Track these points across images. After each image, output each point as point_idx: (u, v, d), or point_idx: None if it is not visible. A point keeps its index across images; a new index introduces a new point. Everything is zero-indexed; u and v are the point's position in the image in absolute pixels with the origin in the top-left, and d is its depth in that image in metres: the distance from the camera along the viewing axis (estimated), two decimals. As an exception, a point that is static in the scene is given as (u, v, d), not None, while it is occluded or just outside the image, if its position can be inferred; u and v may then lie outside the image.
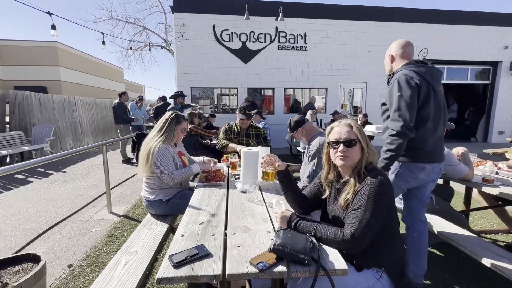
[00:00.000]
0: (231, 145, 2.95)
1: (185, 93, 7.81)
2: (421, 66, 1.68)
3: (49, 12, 5.06)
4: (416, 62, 1.74)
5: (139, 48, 15.79)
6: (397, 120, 1.54)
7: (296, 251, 0.97)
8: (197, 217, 1.41)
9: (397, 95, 1.58)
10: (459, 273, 2.04)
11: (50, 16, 5.11)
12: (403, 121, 1.52)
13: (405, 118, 1.52)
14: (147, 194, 2.08)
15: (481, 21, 8.51)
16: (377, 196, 1.08)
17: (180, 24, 7.54)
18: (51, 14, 5.09)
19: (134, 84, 33.17)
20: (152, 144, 1.98)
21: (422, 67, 1.67)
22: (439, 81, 1.71)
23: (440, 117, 1.68)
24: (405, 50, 1.84)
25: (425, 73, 1.64)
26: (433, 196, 2.20)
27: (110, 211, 3.29)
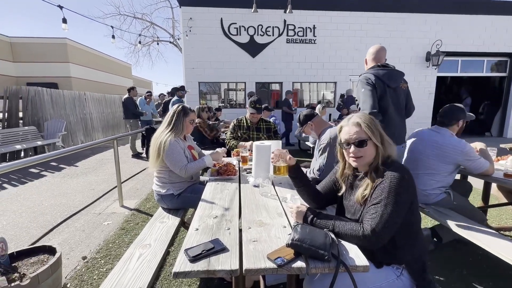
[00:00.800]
0: (240, 144, 2.93)
1: (192, 88, 7.85)
2: (380, 69, 2.17)
3: (60, 6, 5.09)
4: (378, 66, 2.20)
5: (146, 43, 15.86)
6: (364, 109, 2.06)
7: (315, 247, 0.94)
8: (210, 211, 1.40)
9: (362, 91, 2.11)
10: (476, 271, 1.98)
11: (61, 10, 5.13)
12: (369, 107, 2.05)
13: (369, 104, 2.05)
14: (158, 188, 2.08)
15: (499, 10, 8.15)
16: (399, 190, 1.03)
17: (187, 19, 7.49)
18: (62, 8, 5.12)
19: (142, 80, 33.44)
20: (162, 138, 1.97)
21: (380, 70, 2.16)
22: (397, 80, 2.23)
23: (399, 107, 2.24)
24: (376, 56, 2.27)
25: (382, 75, 2.14)
26: (451, 192, 2.12)
27: (121, 205, 3.33)
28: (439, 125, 2.12)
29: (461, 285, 1.83)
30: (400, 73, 2.27)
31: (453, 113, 2.06)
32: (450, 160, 1.99)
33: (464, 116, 2.08)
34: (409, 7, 7.98)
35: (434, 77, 8.46)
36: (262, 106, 3.11)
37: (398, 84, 2.23)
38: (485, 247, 1.65)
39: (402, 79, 2.29)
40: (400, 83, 2.25)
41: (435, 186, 2.09)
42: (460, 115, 2.06)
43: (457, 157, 1.96)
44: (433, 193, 2.11)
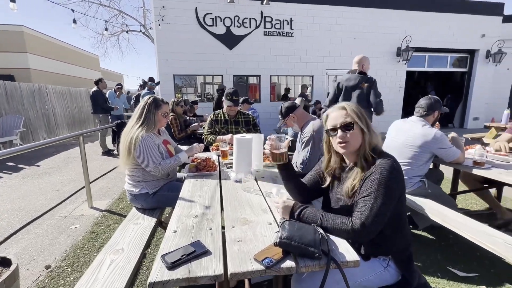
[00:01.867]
0: (219, 138, 2.81)
1: (167, 81, 7.48)
2: (347, 74, 3.34)
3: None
4: (347, 73, 3.33)
5: (115, 33, 14.84)
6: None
7: (305, 244, 0.88)
8: (190, 210, 1.29)
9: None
10: (449, 254, 2.09)
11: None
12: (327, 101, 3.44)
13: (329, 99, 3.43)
14: (131, 188, 1.91)
15: (461, 9, 8.69)
16: (389, 182, 1.01)
17: (159, 7, 7.07)
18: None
19: (111, 73, 31.47)
20: (133, 133, 1.79)
21: (346, 75, 3.32)
22: (351, 81, 3.26)
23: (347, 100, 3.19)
24: (353, 63, 3.33)
25: (344, 78, 3.32)
26: (425, 180, 2.20)
27: (90, 206, 3.08)
28: (417, 115, 2.18)
29: (437, 269, 1.91)
30: (355, 76, 3.25)
31: (431, 104, 2.13)
32: (425, 149, 2.06)
33: (440, 107, 2.16)
34: (381, 2, 8.23)
35: (404, 72, 8.87)
36: (239, 98, 2.99)
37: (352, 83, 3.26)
38: (458, 231, 1.73)
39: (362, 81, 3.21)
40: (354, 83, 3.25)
41: (412, 175, 2.16)
42: (437, 106, 2.14)
43: (432, 145, 2.03)
44: (410, 182, 2.17)
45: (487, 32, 8.92)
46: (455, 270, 1.89)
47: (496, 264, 1.94)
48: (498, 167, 2.05)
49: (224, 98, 2.88)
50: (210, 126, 2.96)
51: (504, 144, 2.25)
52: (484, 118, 9.55)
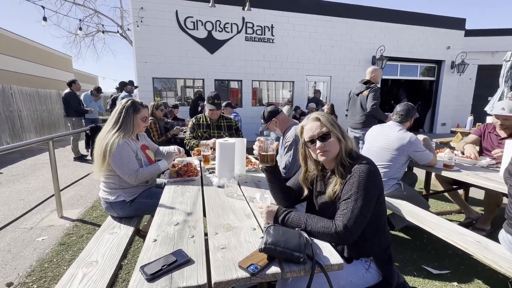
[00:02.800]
0: (202, 142, 2.76)
1: (146, 84, 7.26)
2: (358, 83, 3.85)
3: None
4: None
5: (90, 33, 14.22)
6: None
7: (290, 249, 0.88)
8: (170, 217, 1.24)
9: None
10: (424, 253, 2.19)
11: None
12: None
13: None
14: (106, 195, 1.81)
15: (428, 22, 9.35)
16: (367, 183, 1.04)
17: (138, 8, 6.89)
18: None
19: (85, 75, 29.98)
20: (108, 139, 1.69)
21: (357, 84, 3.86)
22: (357, 89, 3.78)
23: (354, 106, 3.84)
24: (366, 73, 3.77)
25: (354, 87, 3.89)
26: (401, 183, 2.30)
27: (61, 216, 2.87)
28: (396, 121, 2.29)
29: (413, 268, 1.99)
30: (361, 85, 3.74)
31: (409, 111, 2.27)
32: (402, 152, 2.16)
33: (414, 114, 2.30)
34: (357, 14, 8.64)
35: (379, 79, 9.31)
36: (221, 102, 2.96)
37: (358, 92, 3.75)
38: (432, 231, 1.81)
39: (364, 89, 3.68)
40: (360, 91, 3.72)
41: (390, 177, 2.25)
42: (413, 113, 2.29)
43: (408, 148, 2.14)
44: (388, 184, 2.26)
45: (451, 44, 9.66)
46: (429, 268, 1.98)
47: (465, 261, 2.06)
48: (465, 169, 2.20)
49: (206, 102, 2.84)
50: (192, 131, 2.90)
51: (474, 151, 2.41)
52: (450, 124, 10.27)
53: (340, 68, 8.84)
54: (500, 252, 1.48)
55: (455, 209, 3.00)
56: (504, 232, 1.47)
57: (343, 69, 8.88)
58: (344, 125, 2.72)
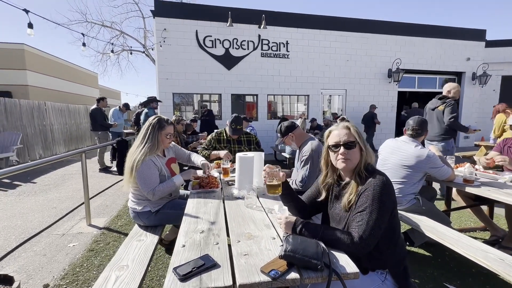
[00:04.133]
0: (214, 153, 2.89)
1: (166, 99, 7.65)
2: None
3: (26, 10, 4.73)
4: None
5: (116, 52, 15.24)
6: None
7: (308, 257, 0.95)
8: (196, 226, 1.34)
9: None
10: (445, 271, 2.13)
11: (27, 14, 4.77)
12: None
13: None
14: (134, 205, 1.95)
15: (445, 34, 9.25)
16: (382, 197, 1.09)
17: (161, 29, 7.40)
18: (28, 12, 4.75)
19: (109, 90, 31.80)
20: (136, 155, 1.84)
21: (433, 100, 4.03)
22: (433, 104, 4.00)
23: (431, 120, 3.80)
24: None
25: (429, 103, 4.11)
26: (420, 198, 2.28)
27: (89, 224, 3.06)
28: (410, 136, 2.30)
29: (434, 286, 1.95)
30: (435, 101, 4.00)
31: (424, 125, 2.27)
32: (419, 169, 2.16)
33: (427, 128, 2.30)
34: (371, 28, 8.73)
35: (395, 92, 9.24)
36: (242, 127, 3.01)
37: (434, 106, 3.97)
38: (453, 247, 1.79)
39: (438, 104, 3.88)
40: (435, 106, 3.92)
41: (406, 193, 2.24)
42: (427, 127, 2.29)
43: (425, 165, 2.13)
44: (405, 199, 2.25)
45: (472, 56, 9.44)
46: (451, 286, 1.93)
47: (490, 280, 1.98)
48: (487, 184, 2.15)
49: (229, 125, 2.93)
50: (209, 144, 3.02)
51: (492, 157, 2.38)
52: (474, 137, 9.84)
53: (356, 81, 8.87)
54: (525, 271, 1.44)
55: (479, 226, 2.89)
56: (528, 249, 1.44)
57: (359, 82, 8.90)
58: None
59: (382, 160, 2.41)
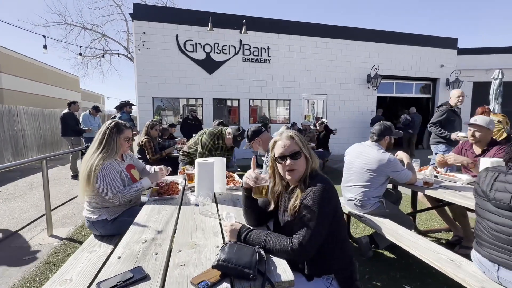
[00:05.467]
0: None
1: (146, 104, 7.50)
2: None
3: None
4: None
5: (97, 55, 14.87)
6: None
7: (241, 266, 0.92)
8: (140, 236, 1.29)
9: None
10: (407, 273, 2.16)
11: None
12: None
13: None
14: (88, 214, 1.86)
15: (420, 42, 9.65)
16: (321, 202, 1.09)
17: (140, 33, 7.28)
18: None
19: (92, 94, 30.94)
20: (93, 161, 1.76)
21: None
22: None
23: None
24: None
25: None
26: (384, 200, 2.32)
27: (50, 234, 2.90)
28: (372, 140, 2.35)
29: (394, 287, 1.97)
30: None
31: (381, 131, 2.31)
32: (381, 172, 2.20)
33: (390, 133, 2.33)
34: (351, 35, 8.97)
35: (374, 97, 9.49)
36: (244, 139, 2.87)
37: None
38: (410, 250, 1.82)
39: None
40: None
41: (371, 196, 2.27)
42: (388, 132, 2.31)
43: (386, 169, 2.18)
44: (369, 203, 2.28)
45: (445, 63, 9.88)
46: None
47: (447, 281, 2.02)
48: (445, 187, 2.22)
49: (233, 135, 2.87)
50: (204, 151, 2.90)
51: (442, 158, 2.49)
52: (449, 140, 10.25)
53: (336, 86, 9.05)
54: (472, 271, 1.48)
55: (444, 227, 2.97)
56: (474, 250, 1.48)
57: (339, 87, 9.08)
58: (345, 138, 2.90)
59: (348, 164, 2.44)
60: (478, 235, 1.43)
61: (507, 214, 1.23)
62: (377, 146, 2.31)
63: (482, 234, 1.38)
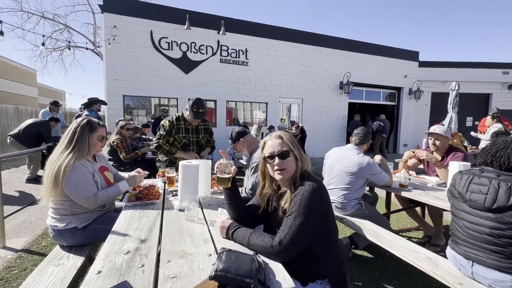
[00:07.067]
0: (179, 152, 2.68)
1: (116, 102, 7.03)
2: None
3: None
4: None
5: (59, 48, 13.66)
6: None
7: (240, 275, 0.87)
8: (121, 246, 1.17)
9: None
10: (385, 272, 2.26)
11: None
12: None
13: None
14: (55, 222, 1.66)
15: (387, 53, 10.35)
16: (309, 202, 1.08)
17: (111, 26, 6.83)
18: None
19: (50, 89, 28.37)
20: (62, 161, 1.58)
21: None
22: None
23: None
24: None
25: None
26: (363, 202, 2.41)
27: (2, 246, 2.55)
28: (354, 144, 2.44)
29: (376, 287, 2.04)
30: None
31: (367, 135, 2.42)
32: (361, 175, 2.28)
33: (370, 137, 2.47)
34: (325, 42, 9.33)
35: (346, 103, 9.96)
36: (205, 111, 2.73)
37: None
38: (390, 250, 1.89)
39: None
40: None
41: (351, 198, 2.34)
42: (369, 136, 2.44)
43: (366, 172, 2.26)
44: (350, 205, 2.35)
45: (408, 73, 10.71)
46: (389, 286, 2.04)
47: (422, 278, 2.15)
48: (418, 188, 2.37)
49: (189, 108, 2.62)
50: (170, 135, 2.65)
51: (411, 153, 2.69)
52: (411, 145, 11.10)
53: (311, 91, 9.33)
54: (448, 268, 1.58)
55: (414, 226, 3.17)
56: (449, 248, 1.58)
57: (314, 92, 9.37)
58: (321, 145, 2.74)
59: (328, 167, 2.50)
60: (454, 234, 1.52)
61: (482, 214, 1.33)
62: (357, 149, 2.40)
63: (458, 233, 1.48)
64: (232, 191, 1.35)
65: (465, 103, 10.36)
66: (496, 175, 1.35)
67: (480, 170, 1.45)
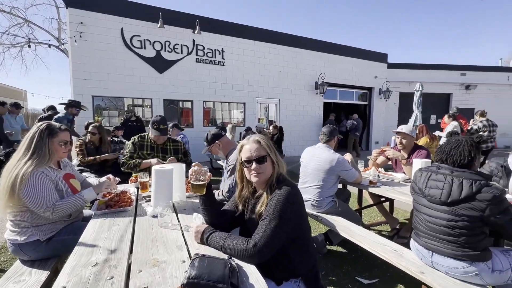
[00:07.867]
0: (145, 162, 2.58)
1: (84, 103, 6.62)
2: None
3: None
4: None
5: (18, 44, 12.59)
6: None
7: (213, 281, 0.87)
8: (89, 258, 1.12)
9: None
10: (357, 265, 2.37)
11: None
12: None
13: None
14: (14, 236, 1.54)
15: (359, 55, 10.83)
16: (284, 206, 1.11)
17: (77, 22, 6.43)
18: None
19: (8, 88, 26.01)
20: (19, 169, 1.46)
21: None
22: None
23: None
24: None
25: None
26: (336, 199, 2.51)
27: (-47, 264, 2.31)
28: (322, 142, 2.54)
29: (348, 281, 2.14)
30: None
31: (331, 131, 2.54)
32: (332, 172, 2.38)
33: (337, 133, 2.58)
34: (300, 43, 9.54)
35: (321, 103, 10.27)
36: (167, 127, 2.80)
37: None
38: (361, 244, 1.99)
39: None
40: None
41: (325, 196, 2.43)
42: (335, 133, 2.56)
43: (336, 168, 2.37)
44: (324, 202, 2.44)
45: (378, 74, 11.28)
46: (361, 279, 2.15)
47: (389, 269, 2.29)
48: (386, 184, 2.52)
49: (150, 126, 2.64)
50: (133, 151, 2.65)
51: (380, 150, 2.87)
52: (382, 142, 11.72)
53: (288, 91, 9.50)
54: (411, 258, 1.70)
55: (383, 220, 3.36)
56: (412, 240, 1.70)
57: (290, 92, 9.55)
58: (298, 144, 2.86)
59: (303, 166, 2.58)
60: (415, 227, 1.64)
61: (439, 207, 1.45)
62: (328, 147, 2.51)
63: (419, 226, 1.60)
64: (207, 197, 1.34)
65: (429, 102, 11.15)
66: (450, 172, 1.48)
67: (437, 167, 1.58)
